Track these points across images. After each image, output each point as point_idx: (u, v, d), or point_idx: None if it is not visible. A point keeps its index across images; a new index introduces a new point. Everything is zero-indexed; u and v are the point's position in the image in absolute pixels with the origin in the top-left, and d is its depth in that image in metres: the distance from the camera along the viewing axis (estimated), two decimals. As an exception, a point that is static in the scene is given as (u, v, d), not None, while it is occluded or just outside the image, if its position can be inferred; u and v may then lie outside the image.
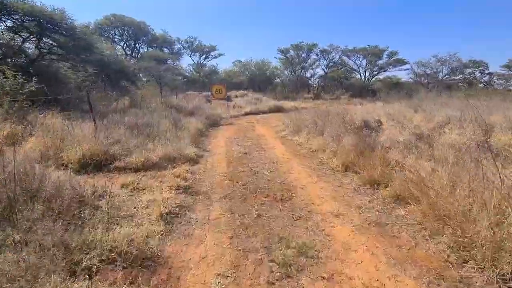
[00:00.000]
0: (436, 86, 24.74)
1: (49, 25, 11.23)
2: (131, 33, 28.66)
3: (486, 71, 27.27)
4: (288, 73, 31.34)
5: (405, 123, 7.69)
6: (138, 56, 28.20)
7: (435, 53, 30.86)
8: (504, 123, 6.59)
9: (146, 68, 19.18)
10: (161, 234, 2.75)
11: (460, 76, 27.73)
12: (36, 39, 11.74)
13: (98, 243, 2.31)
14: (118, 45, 28.21)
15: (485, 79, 27.71)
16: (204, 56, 33.91)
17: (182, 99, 15.18)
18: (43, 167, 3.94)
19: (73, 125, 5.93)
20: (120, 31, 28.31)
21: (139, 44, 30.40)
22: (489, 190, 2.53)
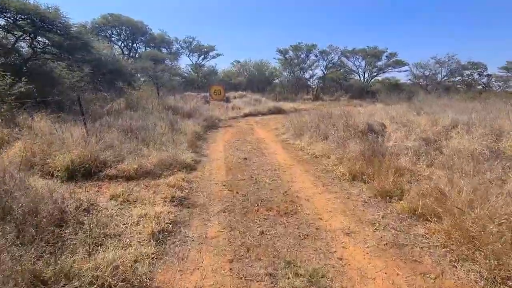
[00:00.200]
0: (435, 88, 24.59)
1: (43, 24, 10.92)
2: (129, 33, 28.25)
3: (485, 73, 27.07)
4: (287, 74, 31.01)
5: (410, 127, 7.40)
6: (136, 56, 27.80)
7: (434, 55, 30.76)
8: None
9: (143, 68, 18.77)
10: (152, 258, 2.42)
11: (459, 78, 27.50)
12: (30, 38, 11.42)
13: (77, 273, 1.99)
14: (116, 45, 27.81)
15: (484, 81, 27.52)
16: (203, 57, 33.54)
17: (180, 100, 14.82)
18: (27, 176, 3.63)
19: (63, 129, 5.60)
20: (118, 31, 27.89)
21: (137, 44, 30.01)
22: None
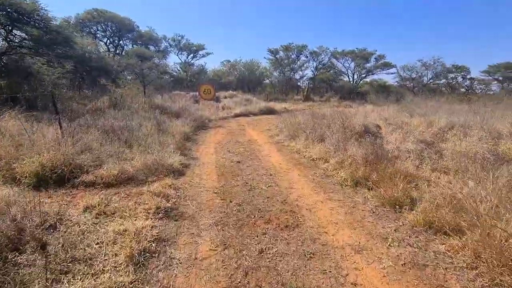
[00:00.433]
0: (421, 90, 25.11)
1: (20, 16, 10.19)
2: (115, 29, 27.24)
3: (468, 76, 28.06)
4: (278, 74, 30.77)
5: (405, 128, 7.21)
6: (123, 54, 26.84)
7: (421, 58, 31.54)
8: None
9: (128, 65, 18.02)
10: (129, 289, 1.99)
11: (444, 81, 28.42)
12: (5, 31, 10.64)
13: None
14: (101, 41, 26.79)
15: (467, 84, 28.34)
16: (192, 55, 32.87)
17: (168, 99, 14.25)
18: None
19: (34, 129, 5.03)
20: (103, 27, 26.84)
21: (123, 41, 28.99)
22: None
